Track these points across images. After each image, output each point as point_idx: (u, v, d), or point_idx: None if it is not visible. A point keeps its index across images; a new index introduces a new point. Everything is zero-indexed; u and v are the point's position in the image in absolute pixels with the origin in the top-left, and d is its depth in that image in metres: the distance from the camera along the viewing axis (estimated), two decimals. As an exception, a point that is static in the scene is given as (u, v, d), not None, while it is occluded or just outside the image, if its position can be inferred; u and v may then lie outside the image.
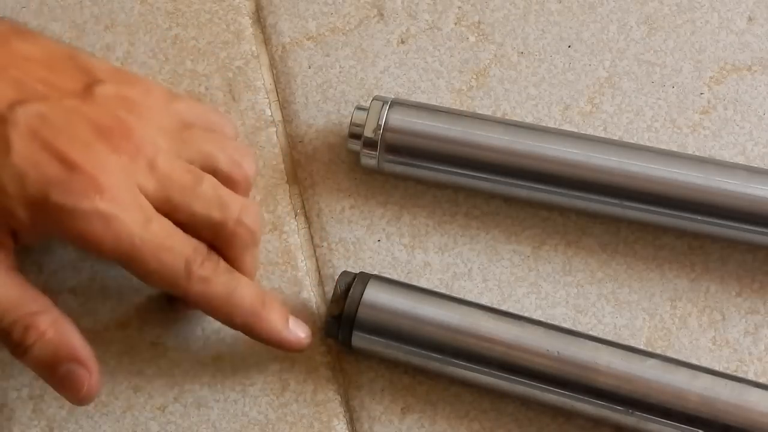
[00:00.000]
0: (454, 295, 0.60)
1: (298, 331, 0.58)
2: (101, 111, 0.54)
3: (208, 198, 0.56)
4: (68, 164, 0.52)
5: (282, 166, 0.65)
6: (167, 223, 0.55)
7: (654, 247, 0.63)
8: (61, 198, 0.52)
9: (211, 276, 0.55)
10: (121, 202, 0.53)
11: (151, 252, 0.54)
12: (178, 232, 0.55)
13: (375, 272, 0.61)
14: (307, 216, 0.64)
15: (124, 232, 0.53)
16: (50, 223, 0.53)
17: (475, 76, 0.66)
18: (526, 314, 0.60)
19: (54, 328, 0.53)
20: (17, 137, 0.52)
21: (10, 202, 0.52)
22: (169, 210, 0.55)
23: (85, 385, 0.54)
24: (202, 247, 0.55)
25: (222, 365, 0.60)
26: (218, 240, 0.56)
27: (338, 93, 0.66)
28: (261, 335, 0.57)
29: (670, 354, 0.59)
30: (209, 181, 0.56)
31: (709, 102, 0.66)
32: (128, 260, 0.54)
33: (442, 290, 0.61)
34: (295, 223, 0.64)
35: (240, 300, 0.56)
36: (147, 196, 0.54)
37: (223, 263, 0.56)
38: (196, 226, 0.55)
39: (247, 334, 0.57)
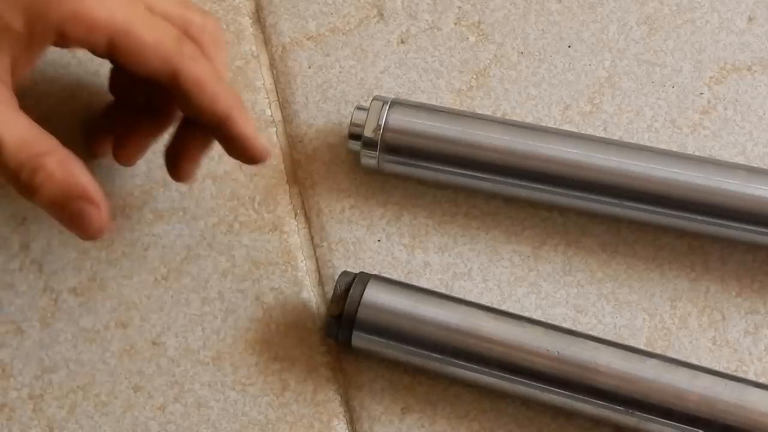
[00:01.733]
0: (454, 295, 0.60)
1: (263, 141, 0.58)
2: None
3: (177, 1, 0.57)
4: None
5: (282, 166, 0.65)
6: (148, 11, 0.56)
7: (654, 247, 0.63)
8: None
9: (199, 57, 0.56)
10: None
11: (144, 25, 0.54)
12: (160, 18, 0.56)
13: (375, 272, 0.61)
14: (307, 216, 0.64)
15: (117, 7, 0.54)
16: (45, 18, 0.53)
17: (475, 76, 0.66)
18: (526, 314, 0.60)
19: (62, 168, 0.53)
20: None
21: (3, 14, 0.52)
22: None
23: (95, 221, 0.54)
24: (182, 35, 0.56)
25: (222, 365, 0.60)
26: (190, 37, 0.57)
27: (338, 93, 0.66)
28: (236, 131, 0.56)
29: (670, 354, 0.59)
30: None
31: (709, 102, 0.66)
32: (124, 34, 0.54)
33: (442, 290, 0.61)
34: (295, 223, 0.64)
35: (225, 84, 0.56)
36: None
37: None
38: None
39: (221, 130, 0.56)
